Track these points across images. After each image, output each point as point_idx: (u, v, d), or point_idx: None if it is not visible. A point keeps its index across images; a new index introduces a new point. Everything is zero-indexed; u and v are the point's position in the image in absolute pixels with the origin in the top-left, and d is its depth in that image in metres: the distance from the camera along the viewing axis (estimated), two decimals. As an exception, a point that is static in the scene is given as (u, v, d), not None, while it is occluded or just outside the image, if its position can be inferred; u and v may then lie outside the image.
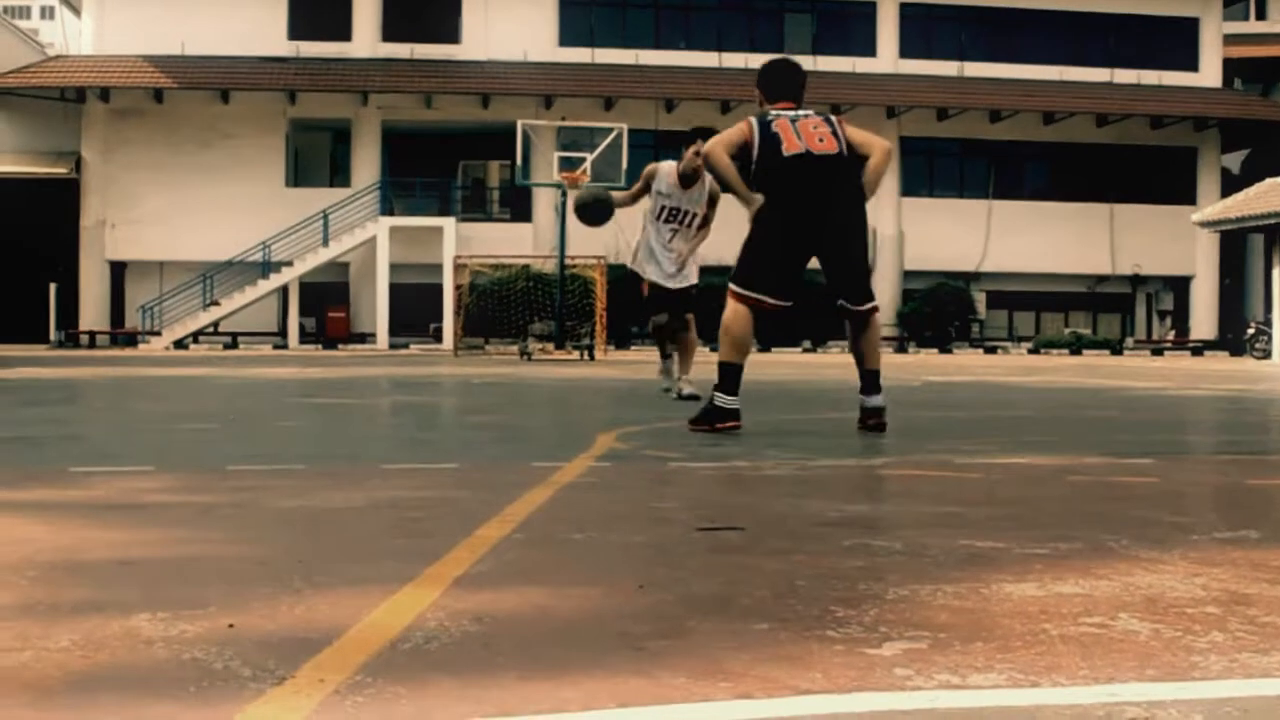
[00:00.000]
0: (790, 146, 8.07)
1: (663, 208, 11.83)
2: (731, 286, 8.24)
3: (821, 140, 8.10)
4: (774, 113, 8.26)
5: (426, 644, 2.59)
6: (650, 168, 11.97)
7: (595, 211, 11.76)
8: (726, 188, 8.42)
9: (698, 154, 10.79)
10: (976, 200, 49.58)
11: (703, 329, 12.21)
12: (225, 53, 45.99)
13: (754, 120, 8.24)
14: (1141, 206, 49.80)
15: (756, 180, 8.14)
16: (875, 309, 8.40)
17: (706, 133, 10.44)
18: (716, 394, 8.13)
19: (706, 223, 11.94)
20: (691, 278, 12.18)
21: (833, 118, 8.29)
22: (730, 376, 8.15)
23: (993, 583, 3.29)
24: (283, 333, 45.70)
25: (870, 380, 8.33)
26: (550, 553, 3.75)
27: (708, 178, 11.45)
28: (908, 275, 48.88)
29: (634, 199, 12.19)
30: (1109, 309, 51.43)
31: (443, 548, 3.71)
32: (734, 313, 8.20)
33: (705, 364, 11.13)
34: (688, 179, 11.69)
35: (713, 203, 11.77)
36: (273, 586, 3.17)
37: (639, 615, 2.89)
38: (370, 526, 4.27)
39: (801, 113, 8.28)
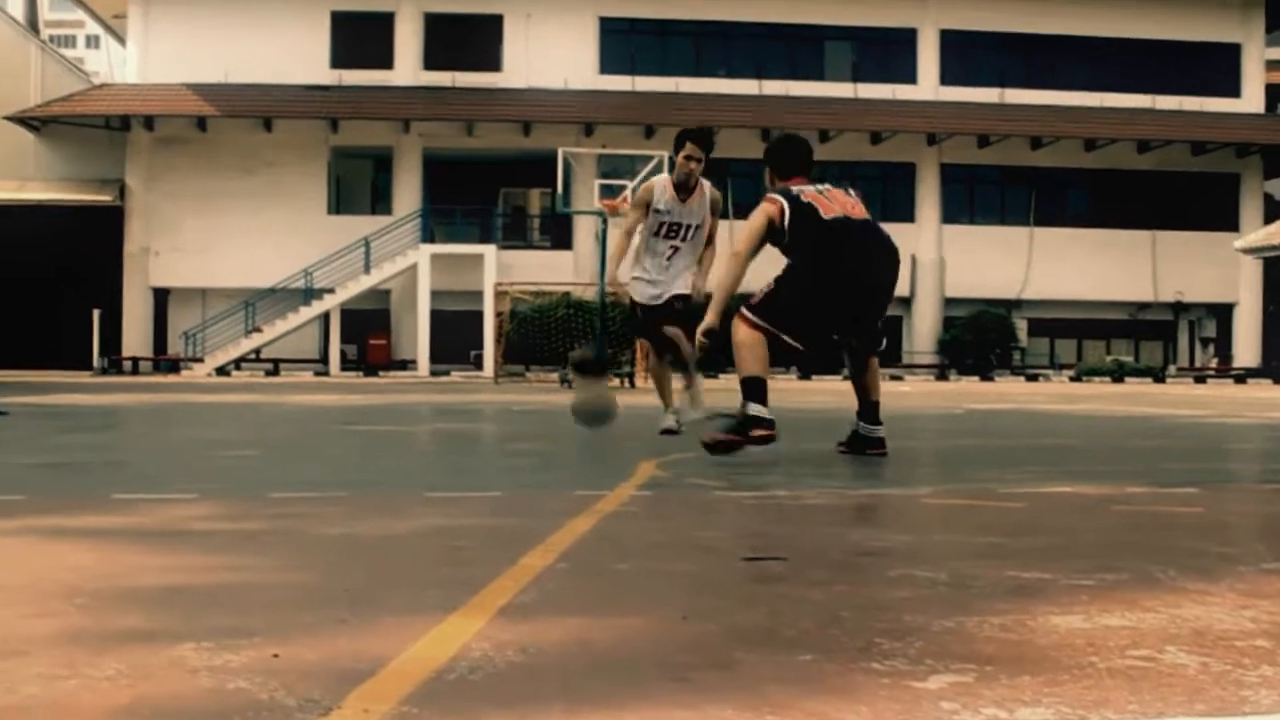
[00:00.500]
0: (828, 211, 8.07)
1: (662, 224, 10.76)
2: (746, 313, 8.08)
3: (854, 206, 8.24)
4: (794, 188, 8.23)
5: (471, 674, 2.59)
6: (644, 187, 10.94)
7: (596, 417, 10.71)
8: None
9: (689, 159, 10.41)
10: (1018, 227, 49.44)
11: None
12: (268, 81, 46.27)
13: (777, 196, 8.17)
14: (1184, 233, 49.58)
15: (792, 248, 8.12)
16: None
17: (695, 135, 10.45)
18: (749, 403, 7.87)
19: (711, 239, 10.85)
20: (679, 288, 10.82)
21: (851, 189, 8.47)
22: (758, 388, 7.91)
23: (1039, 614, 3.26)
24: (324, 359, 45.86)
25: (874, 410, 8.52)
26: (594, 582, 3.74)
27: (707, 186, 10.74)
28: (949, 302, 48.77)
29: (630, 235, 10.95)
30: (1151, 336, 51.19)
31: (486, 577, 3.70)
32: (749, 334, 8.01)
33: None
34: (685, 189, 10.70)
35: (714, 211, 10.81)
36: (317, 615, 3.17)
37: (684, 646, 2.88)
38: (414, 555, 4.26)
39: (820, 186, 8.33)
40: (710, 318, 8.13)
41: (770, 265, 8.19)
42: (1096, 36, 50.15)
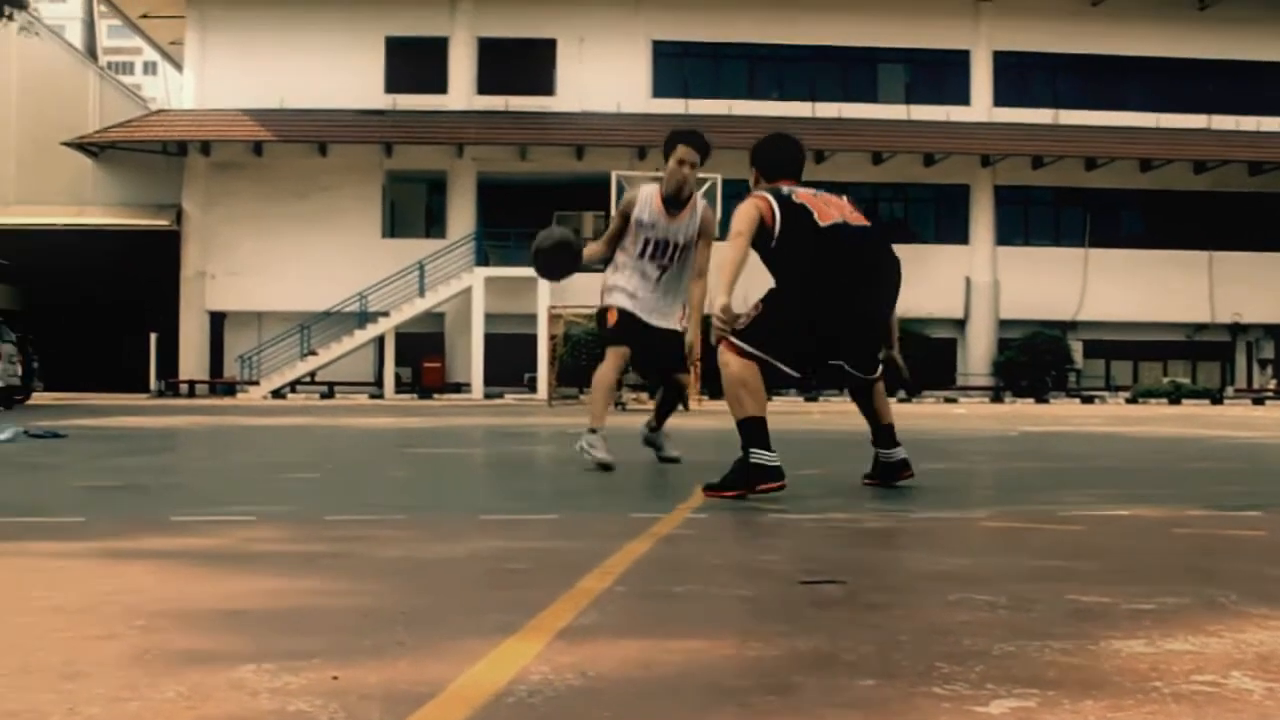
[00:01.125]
0: (824, 217, 7.23)
1: (646, 241, 9.42)
2: (735, 341, 7.22)
3: (852, 212, 7.40)
4: (785, 188, 7.39)
5: (530, 698, 2.59)
6: (628, 195, 9.60)
7: (558, 259, 9.57)
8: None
9: (681, 164, 9.27)
10: (1072, 248, 49.20)
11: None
12: (323, 106, 46.56)
13: (766, 195, 7.32)
14: (1241, 254, 49.20)
15: (781, 257, 7.25)
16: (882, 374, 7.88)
17: (687, 137, 9.37)
18: (752, 450, 7.01)
19: (702, 274, 9.57)
20: (672, 321, 9.71)
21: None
22: (759, 431, 7.05)
23: (1101, 639, 3.24)
24: (379, 382, 46.04)
25: (889, 434, 7.78)
26: (652, 605, 3.74)
27: (700, 202, 9.52)
28: (1003, 324, 48.57)
29: (611, 244, 9.66)
30: (1208, 357, 50.81)
31: (544, 600, 3.70)
32: (741, 365, 7.17)
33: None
34: (676, 202, 9.43)
35: (705, 234, 9.49)
36: (376, 638, 3.18)
37: (744, 670, 2.87)
38: (471, 578, 4.27)
39: (813, 189, 7.49)
40: (722, 297, 7.05)
41: (755, 283, 7.60)
42: (1151, 56, 49.89)
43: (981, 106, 49.63)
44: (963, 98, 49.64)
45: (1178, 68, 50.08)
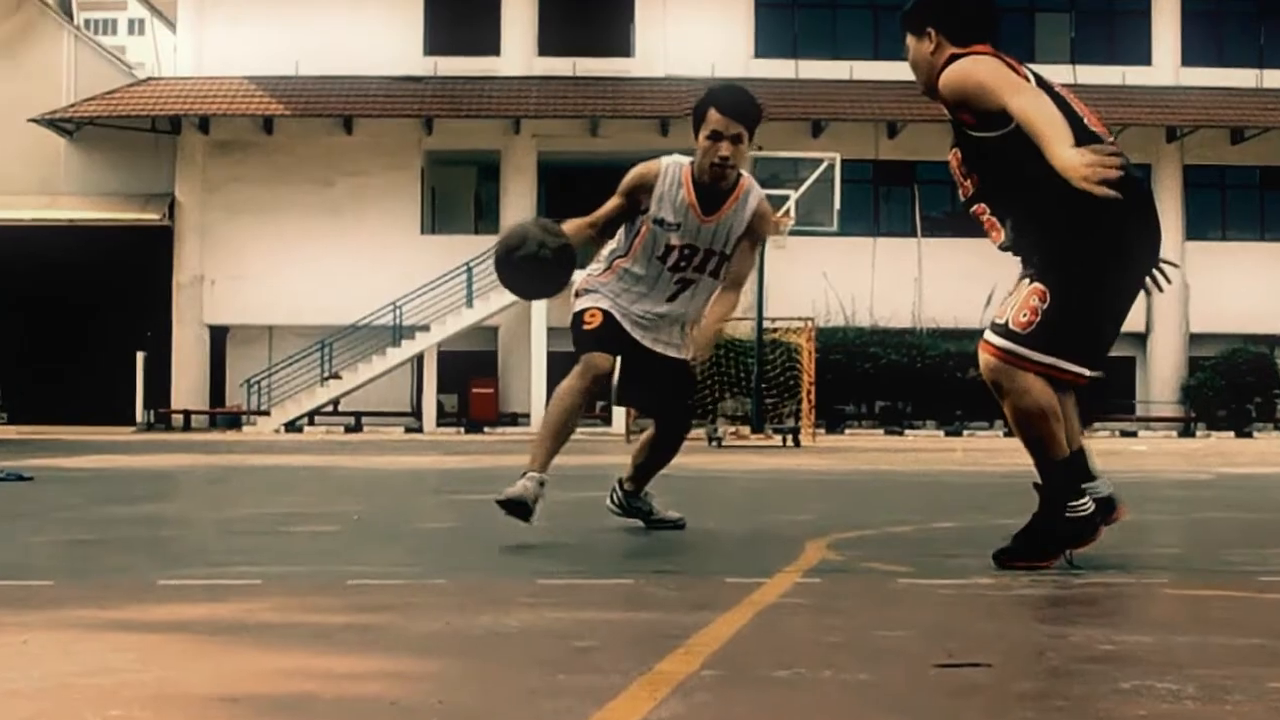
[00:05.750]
0: (1092, 123, 6.34)
1: (668, 248, 8.04)
2: (1017, 348, 6.26)
3: (1099, 123, 6.44)
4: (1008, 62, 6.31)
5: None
6: (638, 171, 8.13)
7: (530, 273, 8.24)
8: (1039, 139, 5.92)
9: (715, 138, 7.78)
10: (1282, 243, 48.74)
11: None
12: (349, 73, 46.83)
13: (1002, 57, 6.34)
14: None
15: (1042, 190, 6.05)
16: None
17: (720, 97, 7.90)
18: (1063, 504, 6.37)
19: (738, 283, 8.24)
20: (673, 349, 8.31)
21: None
22: (1066, 472, 6.42)
23: (1312, 738, 3.20)
24: (417, 413, 46.26)
25: (1087, 459, 6.78)
26: (749, 694, 3.72)
27: (751, 190, 8.08)
28: (1194, 339, 48.17)
29: (604, 228, 8.39)
30: None
31: (615, 687, 3.70)
32: (1043, 388, 6.27)
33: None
34: (713, 196, 7.97)
35: (756, 235, 8.14)
36: (406, 734, 3.19)
37: (861, 776, 2.86)
38: (525, 658, 4.27)
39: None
40: (1062, 150, 5.76)
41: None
42: (1379, 3, 49.39)
43: (1167, 67, 49.29)
44: (1143, 57, 49.31)
45: None
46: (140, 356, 46.19)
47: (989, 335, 6.37)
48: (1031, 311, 6.21)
